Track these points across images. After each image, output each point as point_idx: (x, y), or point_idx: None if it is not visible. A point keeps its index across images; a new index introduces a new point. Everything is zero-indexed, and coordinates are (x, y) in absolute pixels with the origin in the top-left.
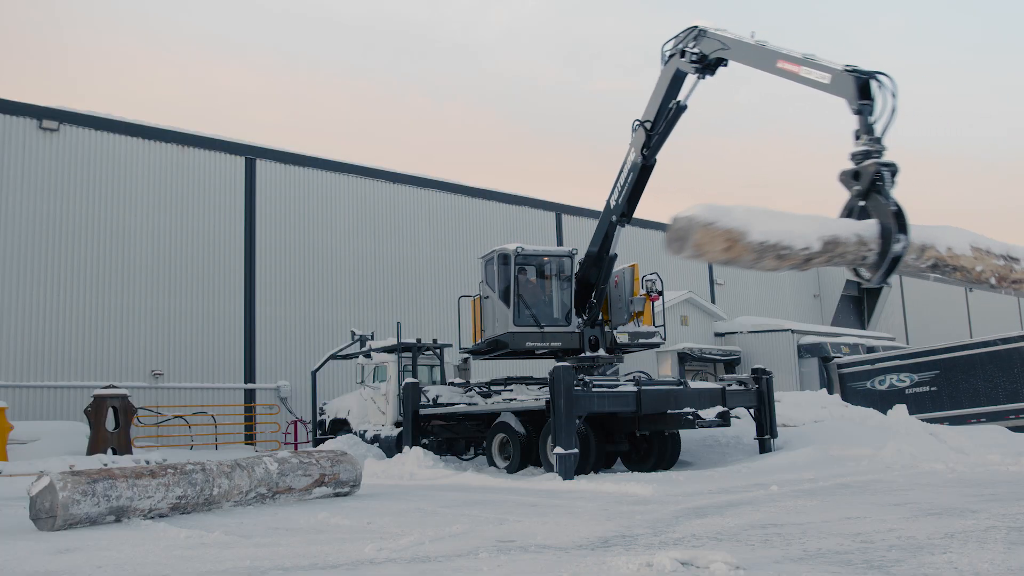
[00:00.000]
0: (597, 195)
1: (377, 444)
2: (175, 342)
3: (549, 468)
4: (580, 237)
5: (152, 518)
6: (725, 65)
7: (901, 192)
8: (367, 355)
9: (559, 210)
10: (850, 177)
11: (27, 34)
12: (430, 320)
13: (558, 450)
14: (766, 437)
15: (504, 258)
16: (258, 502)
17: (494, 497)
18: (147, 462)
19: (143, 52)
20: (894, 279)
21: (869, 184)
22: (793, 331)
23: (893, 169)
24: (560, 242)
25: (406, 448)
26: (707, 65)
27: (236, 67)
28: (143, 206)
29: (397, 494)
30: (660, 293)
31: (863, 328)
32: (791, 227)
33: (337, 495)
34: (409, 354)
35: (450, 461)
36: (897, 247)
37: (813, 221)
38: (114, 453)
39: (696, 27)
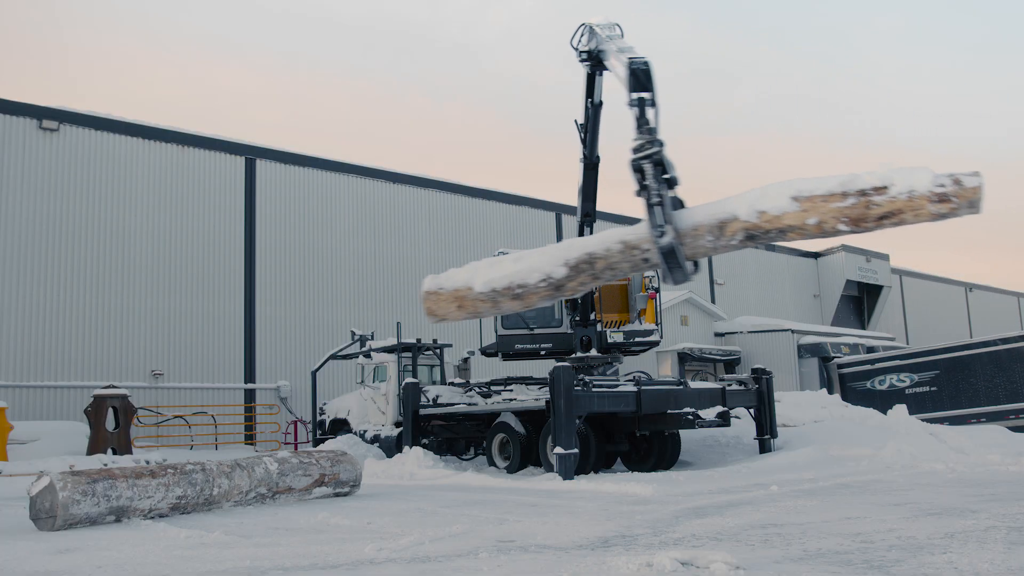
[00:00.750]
0: (601, 195)
1: (377, 444)
2: (175, 342)
3: (549, 468)
4: None
5: (152, 518)
6: None
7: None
8: (367, 355)
9: (559, 210)
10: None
11: (27, 34)
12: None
13: (558, 450)
14: (766, 437)
15: None
16: (258, 502)
17: (494, 497)
18: (147, 462)
19: (143, 52)
20: (893, 280)
21: (636, 180)
22: (793, 331)
23: (655, 158)
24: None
25: (406, 448)
26: (598, 61)
27: (236, 67)
28: (143, 206)
29: (397, 494)
30: (656, 290)
31: (863, 328)
32: (524, 265)
33: (337, 495)
34: (409, 354)
35: (450, 461)
36: (663, 240)
37: (557, 249)
38: (114, 453)
39: (585, 24)
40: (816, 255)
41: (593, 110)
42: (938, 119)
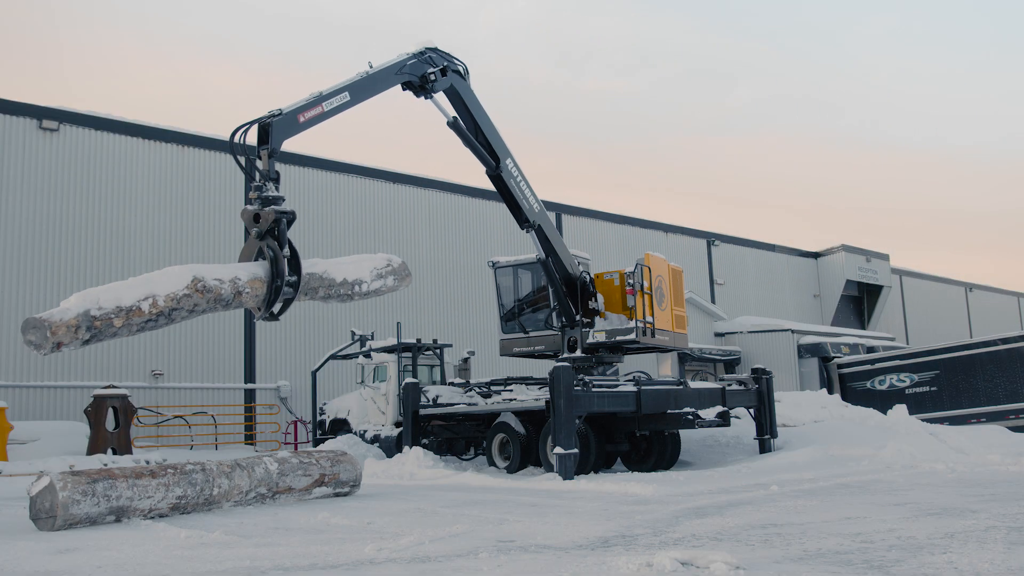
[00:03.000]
0: (596, 196)
1: (377, 444)
2: (175, 342)
3: (549, 468)
4: (581, 237)
5: (152, 518)
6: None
7: (900, 192)
8: (367, 355)
9: (559, 210)
10: (252, 219)
11: (26, 35)
12: (430, 320)
13: (558, 450)
14: (766, 437)
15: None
16: (258, 502)
17: (494, 497)
18: (147, 462)
19: (140, 53)
20: (893, 280)
21: (268, 228)
22: (793, 331)
23: (291, 217)
24: None
25: (406, 448)
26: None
27: (235, 69)
28: (143, 206)
29: (397, 494)
30: (632, 286)
31: (863, 328)
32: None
33: (337, 495)
34: (409, 354)
35: (450, 461)
36: (289, 290)
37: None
38: (114, 453)
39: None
40: (816, 255)
41: (451, 127)
42: (936, 120)
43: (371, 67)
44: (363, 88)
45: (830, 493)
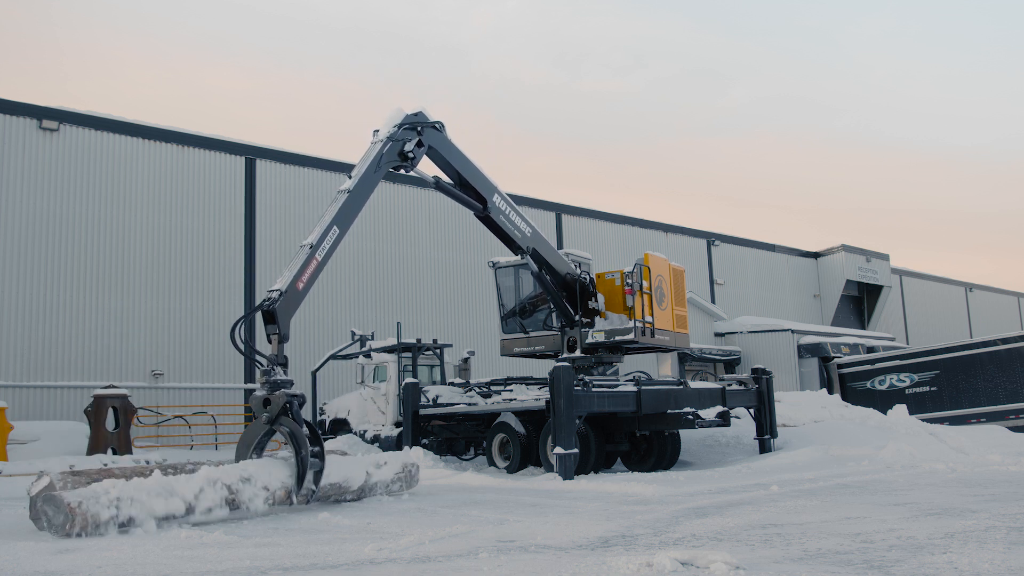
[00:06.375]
0: (595, 196)
1: (377, 444)
2: (175, 342)
3: (549, 468)
4: (581, 237)
5: None
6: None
7: (908, 196)
8: (367, 355)
9: (559, 210)
10: (261, 404)
11: (25, 35)
12: (430, 320)
13: (558, 450)
14: (766, 437)
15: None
16: None
17: (494, 497)
18: (147, 462)
19: (138, 53)
20: (893, 280)
21: (279, 411)
22: (793, 331)
23: (301, 400)
24: (560, 243)
25: (406, 448)
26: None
27: (231, 68)
28: (143, 206)
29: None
30: (630, 286)
31: (863, 328)
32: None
33: None
34: (409, 354)
35: (450, 461)
36: (316, 461)
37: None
38: (114, 453)
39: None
40: (816, 255)
41: (439, 188)
42: (936, 120)
43: (350, 177)
44: (349, 210)
45: (830, 493)
